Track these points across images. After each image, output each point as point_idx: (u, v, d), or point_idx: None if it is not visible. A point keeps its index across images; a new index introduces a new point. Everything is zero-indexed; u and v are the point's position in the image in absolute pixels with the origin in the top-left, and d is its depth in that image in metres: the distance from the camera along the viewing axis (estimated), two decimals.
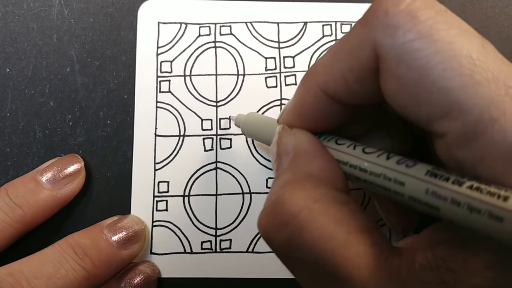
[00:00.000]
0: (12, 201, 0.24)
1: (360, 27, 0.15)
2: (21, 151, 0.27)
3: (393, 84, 0.15)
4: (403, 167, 0.15)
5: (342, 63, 0.16)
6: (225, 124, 0.28)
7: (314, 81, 0.17)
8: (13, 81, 0.28)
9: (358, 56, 0.15)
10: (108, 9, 0.28)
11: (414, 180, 0.14)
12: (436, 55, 0.14)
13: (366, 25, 0.15)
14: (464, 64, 0.13)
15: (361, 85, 0.16)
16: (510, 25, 0.29)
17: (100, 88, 0.28)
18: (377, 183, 0.16)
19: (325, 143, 0.18)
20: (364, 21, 0.15)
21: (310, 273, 0.15)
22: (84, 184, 0.26)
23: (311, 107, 0.18)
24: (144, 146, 0.27)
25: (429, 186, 0.14)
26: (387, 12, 0.15)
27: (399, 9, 0.14)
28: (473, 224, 0.13)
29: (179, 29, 0.28)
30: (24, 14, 0.28)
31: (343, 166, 0.17)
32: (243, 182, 0.27)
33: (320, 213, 0.15)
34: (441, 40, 0.14)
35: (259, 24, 0.29)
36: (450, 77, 0.13)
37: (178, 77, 0.28)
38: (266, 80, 0.28)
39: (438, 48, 0.14)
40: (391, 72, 0.15)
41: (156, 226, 0.27)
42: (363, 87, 0.16)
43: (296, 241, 0.15)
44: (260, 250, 0.27)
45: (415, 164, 0.15)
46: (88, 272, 0.23)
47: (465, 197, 0.13)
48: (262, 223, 0.16)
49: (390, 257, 0.15)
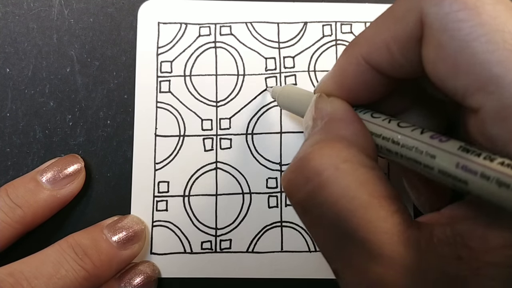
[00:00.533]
0: (12, 201, 0.24)
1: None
2: (21, 151, 0.27)
3: (434, 54, 0.15)
4: (436, 142, 0.15)
5: (387, 32, 0.16)
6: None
7: (357, 51, 0.17)
8: (13, 81, 0.28)
9: (403, 24, 0.16)
10: (108, 9, 0.28)
11: (445, 154, 0.15)
12: (479, 27, 0.14)
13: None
14: (507, 39, 0.13)
15: (405, 55, 0.16)
16: None
17: (100, 88, 0.28)
18: (408, 155, 0.16)
19: (361, 116, 0.18)
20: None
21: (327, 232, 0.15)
22: (84, 184, 0.26)
23: (352, 77, 0.18)
24: (144, 146, 0.27)
25: (460, 160, 0.14)
26: None
27: None
28: (499, 199, 0.13)
29: (179, 29, 0.28)
30: (24, 14, 0.28)
31: (376, 139, 0.17)
32: (243, 182, 0.27)
33: (346, 173, 0.15)
34: (486, 14, 0.14)
35: (259, 24, 0.29)
36: (491, 51, 0.13)
37: (178, 77, 0.28)
38: (266, 80, 0.28)
39: (482, 20, 0.14)
40: (434, 41, 0.15)
41: (156, 226, 0.27)
42: (407, 57, 0.16)
43: (318, 197, 0.15)
44: (260, 250, 0.27)
45: (448, 139, 0.15)
46: (88, 272, 0.23)
47: (495, 172, 0.13)
48: (285, 178, 0.17)
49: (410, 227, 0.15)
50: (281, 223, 0.27)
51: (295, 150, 0.27)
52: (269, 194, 0.27)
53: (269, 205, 0.27)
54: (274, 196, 0.27)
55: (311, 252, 0.27)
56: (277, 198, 0.27)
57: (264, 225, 0.27)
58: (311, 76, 0.28)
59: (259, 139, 0.28)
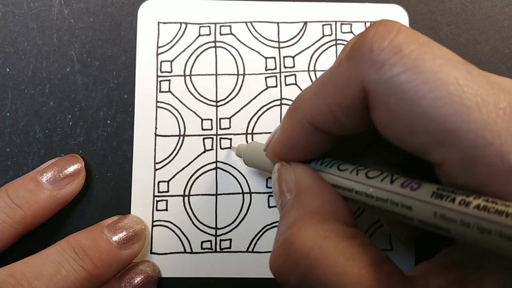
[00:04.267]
0: (12, 201, 0.24)
1: (347, 63, 0.16)
2: (21, 151, 0.27)
3: (385, 117, 0.15)
4: (408, 191, 0.15)
5: (330, 98, 0.16)
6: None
7: (301, 114, 0.18)
8: (13, 81, 0.28)
9: (346, 92, 0.16)
10: (108, 9, 0.28)
11: (420, 204, 0.14)
12: (424, 85, 0.14)
13: (352, 61, 0.15)
14: (453, 91, 0.13)
15: (350, 118, 0.16)
16: (510, 25, 0.29)
17: (100, 88, 0.28)
18: (385, 208, 0.16)
19: (327, 170, 0.18)
20: (350, 57, 0.16)
21: None
22: (84, 184, 0.26)
23: (300, 140, 0.18)
24: (144, 146, 0.27)
25: (437, 209, 0.14)
26: (371, 48, 0.15)
27: (383, 44, 0.15)
28: (485, 243, 0.13)
29: (179, 29, 0.28)
30: (24, 14, 0.28)
31: (348, 193, 0.17)
32: (243, 182, 0.27)
33: (330, 250, 0.15)
34: (427, 71, 0.14)
35: (259, 24, 0.29)
36: (440, 106, 0.13)
37: (178, 77, 0.28)
38: (266, 80, 0.28)
39: (425, 78, 0.14)
40: (381, 106, 0.15)
41: (156, 226, 0.27)
42: (352, 120, 0.16)
43: (310, 280, 0.15)
44: (260, 250, 0.27)
45: (420, 186, 0.15)
46: (88, 273, 0.23)
47: (473, 218, 0.13)
48: (274, 266, 0.17)
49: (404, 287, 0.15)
50: None
51: None
52: (269, 194, 0.27)
53: (269, 205, 0.27)
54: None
55: None
56: None
57: (264, 225, 0.27)
58: (311, 76, 0.28)
59: (259, 139, 0.28)
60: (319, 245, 0.15)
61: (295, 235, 0.16)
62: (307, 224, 0.16)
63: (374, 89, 0.15)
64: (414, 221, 0.15)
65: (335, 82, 0.16)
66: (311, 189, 0.18)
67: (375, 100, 0.15)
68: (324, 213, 0.17)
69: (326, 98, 0.16)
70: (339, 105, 0.16)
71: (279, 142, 0.19)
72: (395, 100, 0.14)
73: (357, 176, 0.17)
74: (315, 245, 0.15)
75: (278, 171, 0.19)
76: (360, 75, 0.15)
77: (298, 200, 0.18)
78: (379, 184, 0.16)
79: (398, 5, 0.29)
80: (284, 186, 0.19)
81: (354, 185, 0.17)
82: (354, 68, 0.15)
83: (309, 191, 0.18)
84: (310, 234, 0.16)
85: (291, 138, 0.19)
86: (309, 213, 0.17)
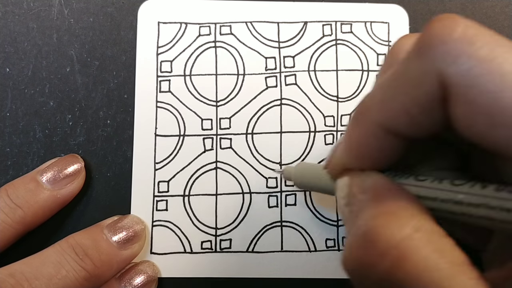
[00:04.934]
0: (12, 201, 0.24)
1: (418, 59, 0.15)
2: (21, 151, 0.27)
3: (466, 111, 0.14)
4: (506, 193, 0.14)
5: (403, 96, 0.16)
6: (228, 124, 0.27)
7: (371, 119, 0.17)
8: (13, 81, 0.28)
9: (421, 87, 0.15)
10: (108, 9, 0.28)
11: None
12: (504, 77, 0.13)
13: (424, 55, 0.15)
14: None
15: (427, 116, 0.16)
16: (510, 25, 0.29)
17: (100, 88, 0.28)
18: (478, 214, 0.15)
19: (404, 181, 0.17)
20: (420, 52, 0.15)
21: None
22: (84, 184, 0.26)
23: (370, 148, 0.17)
24: (144, 146, 0.27)
25: None
26: (444, 40, 0.14)
27: (454, 36, 0.14)
28: None
29: (179, 29, 0.28)
30: (24, 13, 0.28)
31: (431, 203, 0.16)
32: (243, 182, 0.27)
33: (423, 244, 0.14)
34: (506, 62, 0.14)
35: (259, 24, 0.29)
36: None
37: (178, 77, 0.28)
38: (266, 80, 0.28)
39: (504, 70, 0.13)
40: (462, 99, 0.14)
41: (156, 226, 0.27)
42: (429, 117, 0.16)
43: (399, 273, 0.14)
44: (260, 250, 0.27)
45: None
46: (88, 273, 0.23)
47: None
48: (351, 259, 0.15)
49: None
50: (281, 223, 0.27)
51: (295, 150, 0.27)
52: (269, 194, 0.27)
53: (269, 205, 0.27)
54: (274, 196, 0.27)
55: (311, 252, 0.27)
56: (277, 198, 0.27)
57: (264, 225, 0.27)
58: (311, 76, 0.28)
59: (259, 139, 0.28)
60: (411, 236, 0.14)
61: (382, 225, 0.15)
62: (396, 216, 0.15)
63: (453, 81, 0.14)
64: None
65: (406, 80, 0.16)
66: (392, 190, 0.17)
67: (455, 93, 0.14)
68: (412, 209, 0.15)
69: (400, 98, 0.16)
70: (414, 102, 0.15)
71: (346, 153, 0.18)
72: (477, 92, 0.14)
73: (441, 185, 0.16)
74: (407, 236, 0.14)
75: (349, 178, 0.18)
76: (436, 68, 0.15)
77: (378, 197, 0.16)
78: (469, 190, 0.15)
79: (398, 5, 0.29)
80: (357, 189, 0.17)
81: (439, 193, 0.16)
82: (427, 62, 0.15)
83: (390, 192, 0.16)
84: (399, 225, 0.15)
85: (361, 147, 0.17)
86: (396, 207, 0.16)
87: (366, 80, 0.28)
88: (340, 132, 0.28)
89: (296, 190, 0.27)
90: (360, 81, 0.28)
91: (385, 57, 0.19)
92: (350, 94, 0.28)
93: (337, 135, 0.28)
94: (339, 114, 0.28)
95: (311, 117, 0.28)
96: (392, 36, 0.29)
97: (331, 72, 0.28)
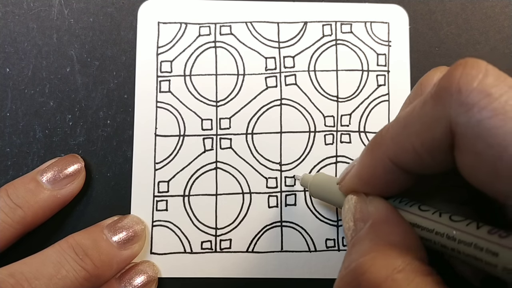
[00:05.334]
0: (12, 201, 0.24)
1: (433, 103, 0.15)
2: (21, 151, 0.27)
3: (470, 160, 0.15)
4: (496, 237, 0.15)
5: (414, 137, 0.16)
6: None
7: (383, 151, 0.17)
8: (13, 81, 0.28)
9: (431, 132, 0.15)
10: (108, 9, 0.28)
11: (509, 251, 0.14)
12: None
13: (439, 101, 0.15)
14: None
15: (434, 158, 0.16)
16: (510, 25, 0.29)
17: (100, 88, 0.28)
18: (467, 252, 0.16)
19: (406, 208, 0.18)
20: (437, 97, 0.15)
21: None
22: (84, 184, 0.26)
23: (380, 176, 0.18)
24: (144, 146, 0.27)
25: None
26: (460, 89, 0.15)
27: (472, 86, 0.14)
28: None
29: (179, 29, 0.28)
30: (24, 14, 0.28)
31: (427, 233, 0.17)
32: (243, 182, 0.27)
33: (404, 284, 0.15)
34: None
35: (259, 24, 0.29)
36: None
37: (178, 77, 0.28)
38: (266, 80, 0.28)
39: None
40: (468, 149, 0.15)
41: (156, 226, 0.27)
42: (435, 160, 0.16)
43: None
44: (260, 250, 0.27)
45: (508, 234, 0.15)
46: (88, 273, 0.23)
47: None
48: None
49: None
50: (281, 223, 0.27)
51: (295, 150, 0.27)
52: (269, 194, 0.27)
53: (269, 205, 0.27)
54: (274, 196, 0.27)
55: (311, 252, 0.27)
56: (277, 198, 0.27)
57: (264, 225, 0.27)
58: (311, 76, 0.28)
59: (259, 139, 0.28)
60: (393, 277, 0.15)
61: (369, 264, 0.16)
62: (383, 255, 0.16)
63: (462, 131, 0.14)
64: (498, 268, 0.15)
65: (420, 121, 0.16)
66: (389, 221, 0.17)
67: (462, 143, 0.15)
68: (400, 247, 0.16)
69: (410, 137, 0.16)
70: (423, 145, 0.16)
71: (356, 176, 0.19)
72: (484, 144, 0.14)
73: (440, 218, 0.17)
74: (389, 277, 0.15)
75: (353, 200, 0.19)
76: (448, 116, 0.15)
77: (374, 230, 0.17)
78: (464, 228, 0.16)
79: (398, 5, 0.29)
80: (359, 215, 0.18)
81: (436, 226, 0.17)
82: (441, 108, 0.15)
83: (387, 223, 0.17)
84: (384, 265, 0.15)
85: (370, 174, 0.18)
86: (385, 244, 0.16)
87: (366, 80, 0.28)
88: (340, 132, 0.28)
89: (296, 190, 0.27)
90: (360, 81, 0.28)
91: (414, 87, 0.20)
92: (350, 94, 0.28)
93: (337, 135, 0.28)
94: (339, 114, 0.28)
95: (311, 117, 0.28)
96: (392, 36, 0.29)
97: (331, 72, 0.28)
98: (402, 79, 0.28)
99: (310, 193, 0.25)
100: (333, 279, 0.16)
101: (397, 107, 0.28)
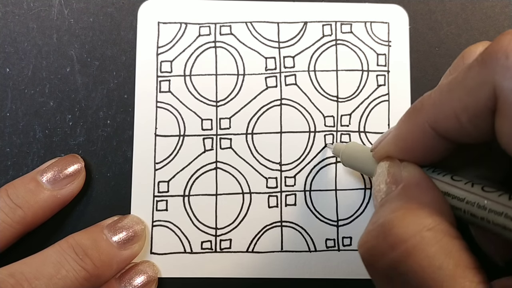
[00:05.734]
0: (12, 201, 0.24)
1: (479, 68, 0.15)
2: (21, 151, 0.27)
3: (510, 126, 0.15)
4: None
5: (457, 102, 0.16)
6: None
7: (423, 117, 0.17)
8: (13, 81, 0.28)
9: (475, 96, 0.15)
10: (108, 9, 0.28)
11: None
12: None
13: (485, 66, 0.15)
14: None
15: (475, 125, 0.16)
16: (510, 25, 0.29)
17: (100, 88, 0.28)
18: (496, 221, 0.16)
19: (440, 178, 0.18)
20: (483, 62, 0.15)
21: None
22: (84, 184, 0.26)
23: (418, 143, 0.18)
24: (144, 146, 0.27)
25: None
26: (507, 55, 0.15)
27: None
28: None
29: (179, 29, 0.28)
30: (24, 14, 0.28)
31: (458, 202, 0.17)
32: (243, 182, 0.27)
33: (432, 242, 0.15)
34: None
35: (259, 24, 0.29)
36: None
37: (178, 77, 0.28)
38: (266, 80, 0.28)
39: None
40: (510, 115, 0.15)
41: (156, 226, 0.27)
42: (476, 127, 0.16)
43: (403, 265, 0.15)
44: (260, 250, 0.27)
45: None
46: (88, 273, 0.23)
47: None
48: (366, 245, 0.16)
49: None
50: (281, 223, 0.27)
51: (295, 150, 0.27)
52: (269, 194, 0.27)
53: (269, 205, 0.27)
54: (274, 196, 0.27)
55: (311, 252, 0.27)
56: (277, 198, 0.27)
57: (264, 225, 0.27)
58: (311, 76, 0.28)
59: (259, 139, 0.28)
60: (422, 234, 0.15)
61: (399, 219, 0.16)
62: (413, 213, 0.16)
63: (505, 96, 0.14)
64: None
65: (463, 86, 0.16)
66: (421, 186, 0.18)
67: (504, 108, 0.15)
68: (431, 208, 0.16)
69: (453, 102, 0.16)
70: (465, 110, 0.16)
71: (393, 143, 0.19)
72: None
73: (472, 188, 0.17)
74: (418, 233, 0.15)
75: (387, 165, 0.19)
76: (492, 80, 0.15)
77: (405, 192, 0.17)
78: (496, 198, 0.16)
79: (398, 5, 0.29)
80: (391, 178, 0.18)
81: (467, 195, 0.17)
82: (486, 73, 0.15)
83: (419, 187, 0.17)
84: (414, 221, 0.16)
85: (408, 140, 0.18)
86: (417, 204, 0.17)
87: (366, 80, 0.28)
88: (340, 132, 0.28)
89: (296, 190, 0.27)
90: (360, 81, 0.28)
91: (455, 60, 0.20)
92: (350, 94, 0.28)
93: (337, 135, 0.28)
94: (339, 114, 0.28)
95: (311, 117, 0.28)
96: (392, 36, 0.29)
97: (331, 72, 0.28)
98: (402, 79, 0.28)
99: (342, 161, 0.25)
100: (333, 279, 0.16)
101: (397, 107, 0.28)
